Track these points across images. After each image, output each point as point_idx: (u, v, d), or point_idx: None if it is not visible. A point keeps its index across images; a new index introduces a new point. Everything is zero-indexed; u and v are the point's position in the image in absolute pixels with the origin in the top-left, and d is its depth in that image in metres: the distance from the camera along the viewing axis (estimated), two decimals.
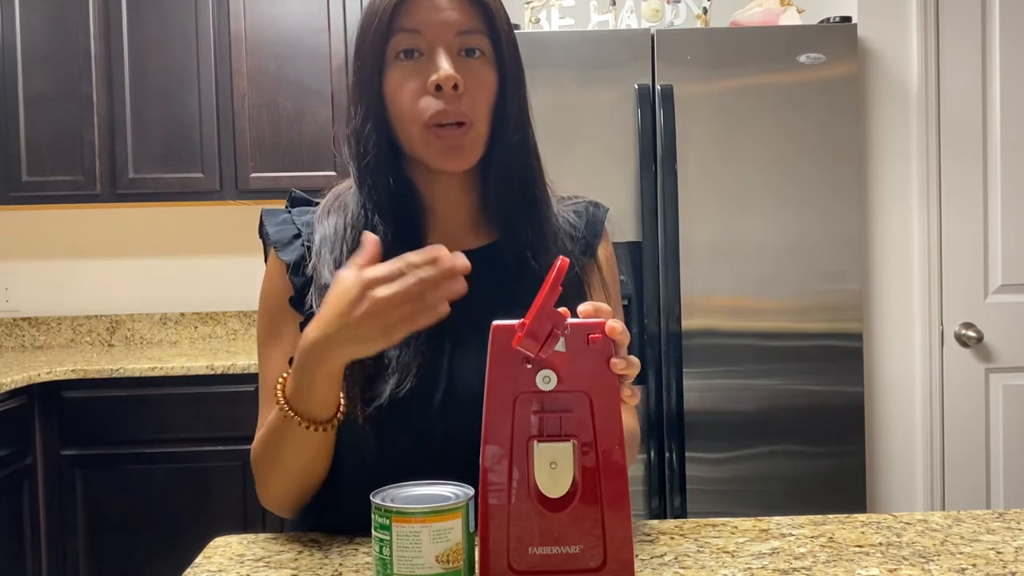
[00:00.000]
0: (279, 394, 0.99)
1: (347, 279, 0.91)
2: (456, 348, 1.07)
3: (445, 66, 1.03)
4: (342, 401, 1.01)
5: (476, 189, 1.13)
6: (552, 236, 1.12)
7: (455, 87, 1.03)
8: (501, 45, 1.07)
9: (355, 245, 1.06)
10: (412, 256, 0.88)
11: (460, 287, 0.89)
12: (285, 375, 1.00)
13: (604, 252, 1.19)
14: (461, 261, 0.89)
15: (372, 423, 1.03)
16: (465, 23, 1.05)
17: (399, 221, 1.09)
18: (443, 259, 0.88)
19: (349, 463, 1.08)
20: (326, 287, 1.05)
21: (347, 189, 1.14)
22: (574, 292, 1.07)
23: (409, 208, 1.11)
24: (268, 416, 1.06)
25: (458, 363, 1.06)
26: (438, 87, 1.03)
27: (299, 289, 1.10)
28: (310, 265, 1.09)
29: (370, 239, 0.93)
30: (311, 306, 1.07)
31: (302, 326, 1.09)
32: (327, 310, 0.92)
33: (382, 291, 0.88)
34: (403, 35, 1.04)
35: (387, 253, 1.07)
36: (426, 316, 0.89)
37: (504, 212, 1.11)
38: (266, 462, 1.06)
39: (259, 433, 1.08)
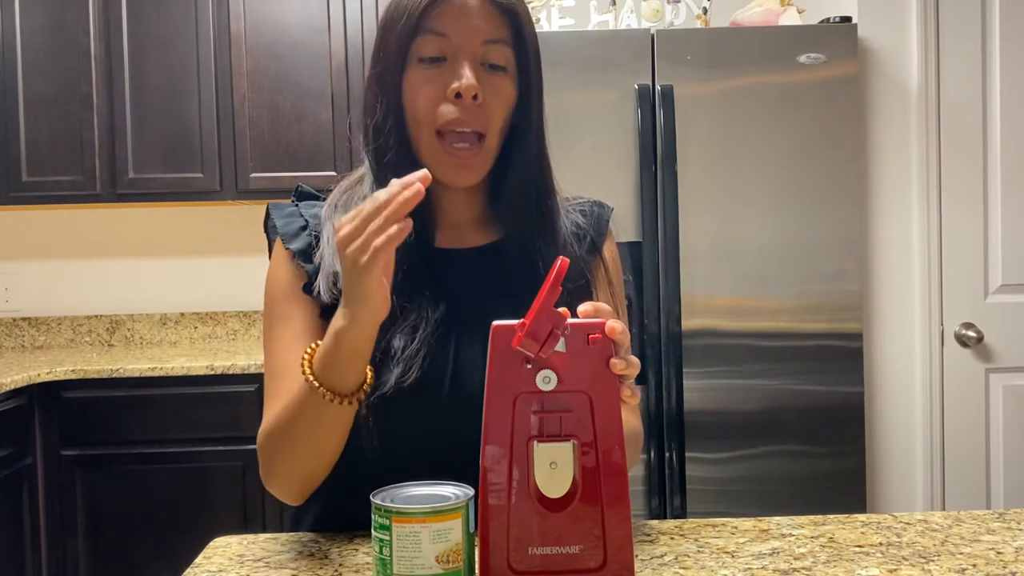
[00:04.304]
0: (305, 366, 0.98)
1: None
2: (461, 342, 1.08)
3: (468, 75, 1.03)
4: (369, 375, 1.00)
5: (485, 194, 1.14)
6: (562, 243, 1.12)
7: (475, 97, 1.03)
8: (526, 58, 1.07)
9: None
10: (379, 193, 0.90)
11: (418, 193, 0.89)
12: (312, 347, 0.99)
13: (609, 251, 1.20)
14: (417, 186, 0.89)
15: (378, 415, 1.03)
16: (492, 32, 1.05)
17: (413, 217, 1.09)
18: (403, 184, 0.89)
19: (351, 462, 1.08)
20: (335, 274, 1.06)
21: (356, 182, 1.14)
22: (581, 296, 1.08)
23: (421, 205, 1.11)
24: (278, 399, 1.06)
25: (464, 357, 1.07)
26: (458, 95, 1.03)
27: (310, 275, 1.10)
28: (318, 254, 1.09)
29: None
30: (319, 292, 1.07)
31: (322, 311, 1.09)
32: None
33: (343, 231, 0.90)
34: (429, 37, 1.05)
35: (401, 249, 1.08)
36: (389, 240, 0.89)
37: (514, 221, 1.12)
38: (280, 440, 1.04)
39: (271, 414, 1.06)
